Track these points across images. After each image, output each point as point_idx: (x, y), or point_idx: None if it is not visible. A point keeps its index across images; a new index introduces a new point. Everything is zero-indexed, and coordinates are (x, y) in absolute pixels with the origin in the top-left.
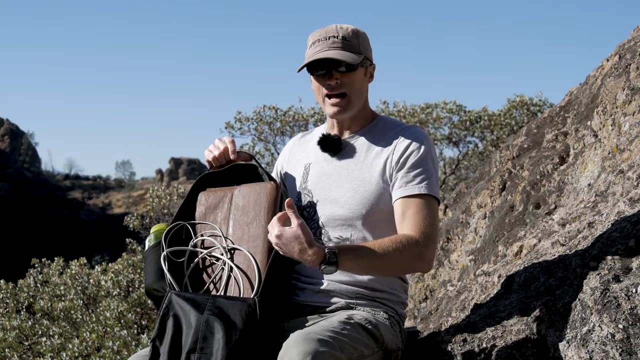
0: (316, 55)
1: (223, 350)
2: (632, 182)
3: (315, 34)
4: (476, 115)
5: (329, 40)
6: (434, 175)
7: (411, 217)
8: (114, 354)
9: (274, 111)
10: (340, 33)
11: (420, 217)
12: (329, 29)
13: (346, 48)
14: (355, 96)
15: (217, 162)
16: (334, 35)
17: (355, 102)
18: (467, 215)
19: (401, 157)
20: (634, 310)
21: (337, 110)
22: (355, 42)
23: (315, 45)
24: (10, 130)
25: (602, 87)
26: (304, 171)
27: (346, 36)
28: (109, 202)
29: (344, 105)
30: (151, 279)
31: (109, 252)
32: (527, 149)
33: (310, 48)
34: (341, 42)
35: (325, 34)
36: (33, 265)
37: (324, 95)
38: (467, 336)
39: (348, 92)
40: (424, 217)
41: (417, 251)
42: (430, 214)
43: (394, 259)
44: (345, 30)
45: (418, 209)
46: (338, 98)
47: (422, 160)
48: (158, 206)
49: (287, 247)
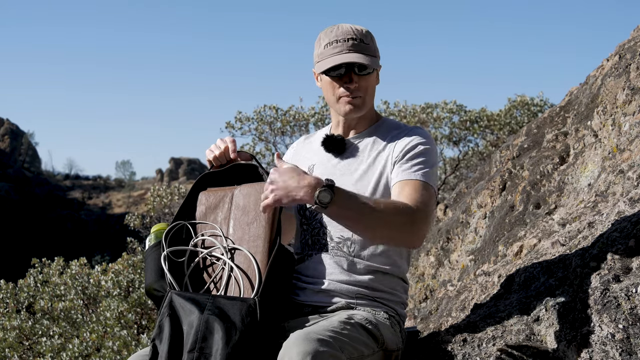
0: (342, 58)
1: (223, 350)
2: (632, 182)
3: (330, 33)
4: (476, 116)
5: (348, 42)
6: (433, 167)
7: (407, 193)
8: (114, 354)
9: (275, 111)
10: (357, 35)
11: (416, 194)
12: (345, 30)
13: (365, 51)
14: (369, 98)
15: (217, 162)
16: (352, 37)
17: (369, 103)
18: (467, 215)
19: (402, 151)
20: (634, 310)
21: (351, 109)
22: (371, 45)
23: (332, 46)
24: (10, 130)
25: (602, 87)
26: (307, 172)
27: (363, 39)
28: (109, 202)
29: (359, 104)
30: (151, 279)
31: (109, 252)
32: (527, 149)
33: (326, 48)
34: (360, 44)
35: (342, 35)
36: (33, 265)
37: (339, 96)
38: (467, 336)
39: (363, 95)
40: (419, 195)
41: (411, 218)
42: (426, 194)
43: (387, 216)
44: (361, 32)
45: (414, 189)
46: (354, 98)
47: (422, 154)
48: (159, 205)
49: (284, 183)
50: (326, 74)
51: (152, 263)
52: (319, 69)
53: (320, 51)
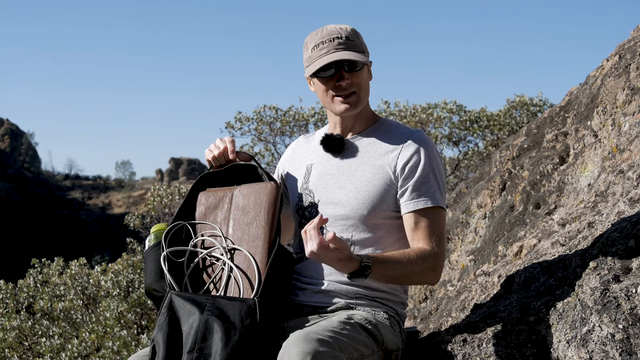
0: (330, 57)
1: (222, 351)
2: (632, 182)
3: (315, 36)
4: (476, 116)
5: (333, 42)
6: (440, 184)
7: (423, 230)
8: (114, 354)
9: (275, 111)
10: (342, 34)
11: (431, 230)
12: (330, 30)
13: (352, 48)
14: (364, 93)
15: (216, 162)
16: (337, 37)
17: (364, 99)
18: (467, 215)
19: (406, 165)
20: (634, 310)
21: (347, 107)
22: (357, 41)
23: (319, 47)
24: (10, 130)
25: (602, 87)
26: (305, 172)
27: (349, 36)
28: (109, 202)
29: (354, 102)
30: (151, 279)
31: (109, 252)
32: (527, 149)
33: (313, 51)
34: (346, 42)
35: (327, 35)
36: (33, 265)
37: (332, 96)
38: (467, 336)
39: (357, 91)
40: (435, 230)
41: (432, 264)
42: (440, 226)
43: (412, 271)
44: (346, 31)
45: (429, 222)
46: (348, 96)
47: (429, 171)
48: (159, 206)
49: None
50: (317, 76)
51: (152, 263)
52: (309, 72)
53: (308, 55)
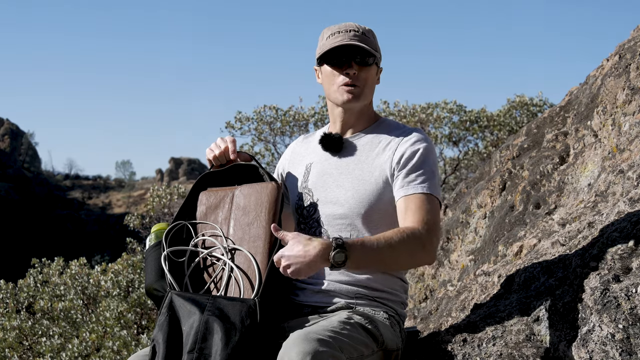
0: (343, 42)
1: (222, 351)
2: (632, 182)
3: (333, 27)
4: (476, 116)
5: (349, 33)
6: (435, 176)
7: (413, 212)
8: (114, 354)
9: (275, 111)
10: (360, 29)
11: (421, 211)
12: (348, 24)
13: (366, 43)
14: (368, 90)
15: (217, 162)
16: (354, 29)
17: (367, 95)
18: (467, 215)
19: (402, 157)
20: (634, 310)
21: (350, 98)
22: (372, 40)
23: (334, 36)
24: (10, 130)
25: (602, 87)
26: (305, 171)
27: (365, 32)
28: (109, 202)
29: (357, 94)
30: (151, 279)
31: (109, 252)
32: (527, 149)
33: (328, 39)
34: (361, 36)
35: (344, 27)
36: (33, 265)
37: (339, 85)
38: (467, 336)
39: (362, 85)
40: (425, 211)
41: (421, 242)
42: (432, 209)
43: (399, 250)
44: (364, 28)
45: (419, 205)
46: (353, 87)
47: (423, 162)
48: (159, 206)
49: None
50: (327, 62)
51: (153, 263)
52: (319, 53)
53: (322, 43)
